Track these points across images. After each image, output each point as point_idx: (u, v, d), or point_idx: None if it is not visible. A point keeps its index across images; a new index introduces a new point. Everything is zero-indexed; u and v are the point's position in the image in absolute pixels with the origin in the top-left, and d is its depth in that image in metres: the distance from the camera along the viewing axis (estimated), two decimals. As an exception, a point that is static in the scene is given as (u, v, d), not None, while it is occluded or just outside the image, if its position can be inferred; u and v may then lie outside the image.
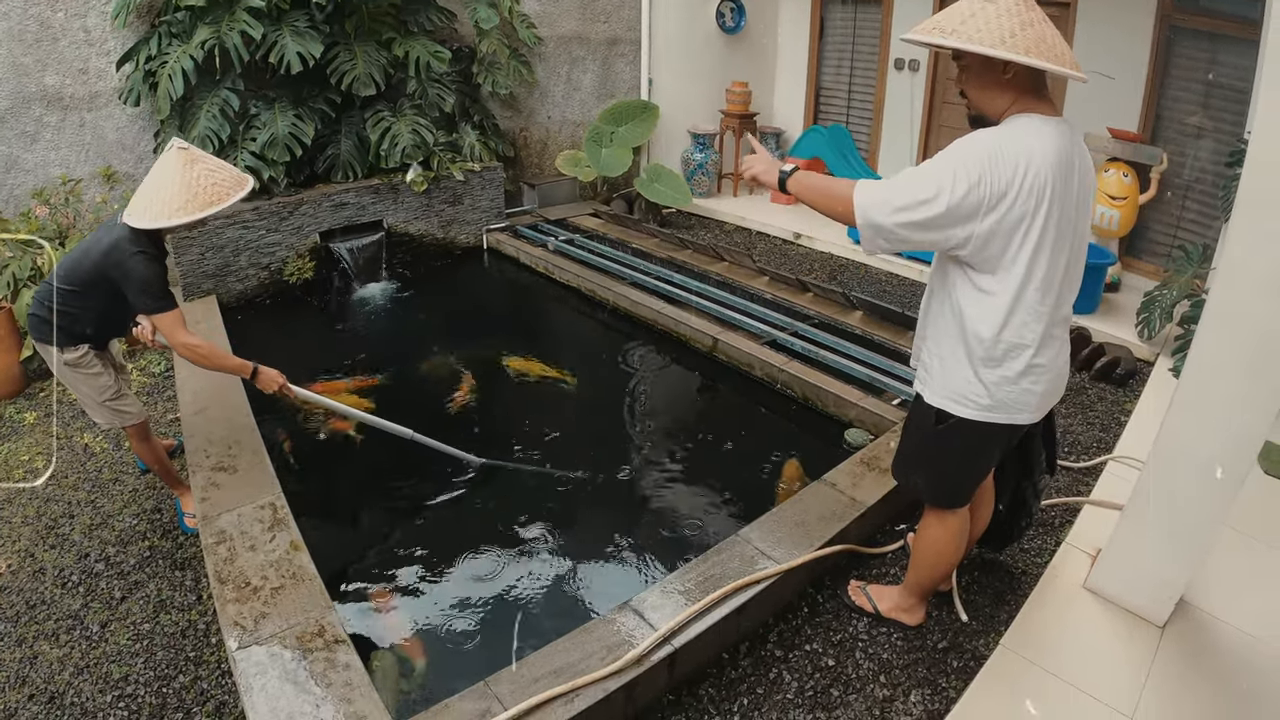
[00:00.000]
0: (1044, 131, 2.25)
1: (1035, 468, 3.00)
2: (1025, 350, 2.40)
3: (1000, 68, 2.26)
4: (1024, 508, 3.15)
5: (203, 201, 3.16)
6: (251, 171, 5.90)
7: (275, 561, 3.07)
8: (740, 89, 8.75)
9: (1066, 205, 2.29)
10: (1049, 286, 2.35)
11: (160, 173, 3.18)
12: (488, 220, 7.42)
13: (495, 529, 3.73)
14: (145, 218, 3.13)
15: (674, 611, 2.85)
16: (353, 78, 6.12)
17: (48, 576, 3.47)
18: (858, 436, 4.29)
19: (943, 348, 2.54)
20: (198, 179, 3.17)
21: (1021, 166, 2.20)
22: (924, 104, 8.04)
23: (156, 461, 3.77)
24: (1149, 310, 5.23)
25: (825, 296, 5.84)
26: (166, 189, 3.13)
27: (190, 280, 5.82)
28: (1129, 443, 4.32)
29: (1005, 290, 2.34)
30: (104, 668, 3.01)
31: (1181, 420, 2.85)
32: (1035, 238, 2.26)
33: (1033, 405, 2.51)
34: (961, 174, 2.20)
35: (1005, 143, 2.23)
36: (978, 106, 2.40)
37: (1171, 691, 2.83)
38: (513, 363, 5.31)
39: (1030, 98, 2.31)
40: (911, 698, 2.83)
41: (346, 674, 2.57)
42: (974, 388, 2.48)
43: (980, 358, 2.43)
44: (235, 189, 3.27)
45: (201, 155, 3.27)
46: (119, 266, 3.18)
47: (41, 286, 3.41)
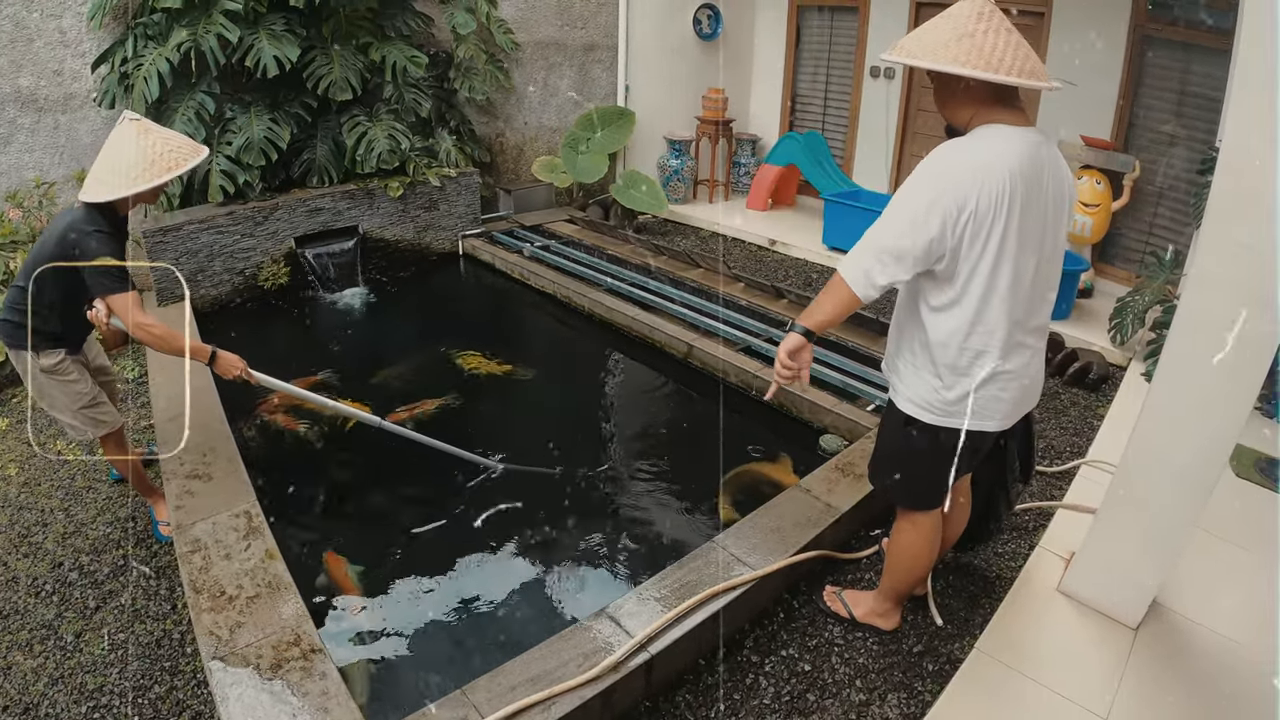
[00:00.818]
0: (1008, 140, 2.27)
1: (1009, 474, 3.01)
2: (989, 358, 2.42)
3: (956, 80, 2.31)
4: (993, 511, 3.17)
5: (160, 168, 3.09)
6: (226, 176, 5.88)
7: (251, 570, 3.04)
8: (716, 95, 8.78)
9: (1033, 214, 2.30)
10: (1014, 295, 2.36)
11: (113, 145, 3.11)
12: (464, 226, 7.41)
13: (469, 533, 3.72)
14: (102, 191, 3.06)
15: (650, 618, 2.85)
16: (329, 82, 6.10)
17: (21, 585, 3.43)
18: (832, 443, 4.31)
19: (911, 355, 2.58)
20: (153, 146, 3.10)
21: (979, 178, 2.22)
22: (900, 111, 8.10)
23: (130, 469, 3.69)
24: (1121, 316, 5.29)
25: (800, 303, 5.87)
26: (122, 160, 3.07)
27: (164, 285, 5.76)
28: (1102, 447, 4.36)
29: (968, 299, 2.36)
30: (79, 678, 2.97)
31: (1154, 424, 2.89)
32: (995, 247, 2.28)
33: (1001, 413, 2.53)
34: (925, 202, 2.27)
35: (963, 155, 2.28)
36: (946, 117, 2.47)
37: (1146, 693, 2.86)
38: (465, 360, 5.35)
39: (992, 107, 2.33)
40: (888, 702, 2.85)
41: (323, 683, 2.56)
42: (939, 395, 2.51)
43: (945, 365, 2.46)
44: (192, 155, 3.21)
45: (154, 126, 3.20)
46: (76, 245, 3.08)
47: (10, 291, 3.33)
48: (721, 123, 8.89)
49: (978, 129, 2.34)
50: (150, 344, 3.26)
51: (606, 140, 8.36)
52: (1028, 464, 3.00)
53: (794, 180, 8.93)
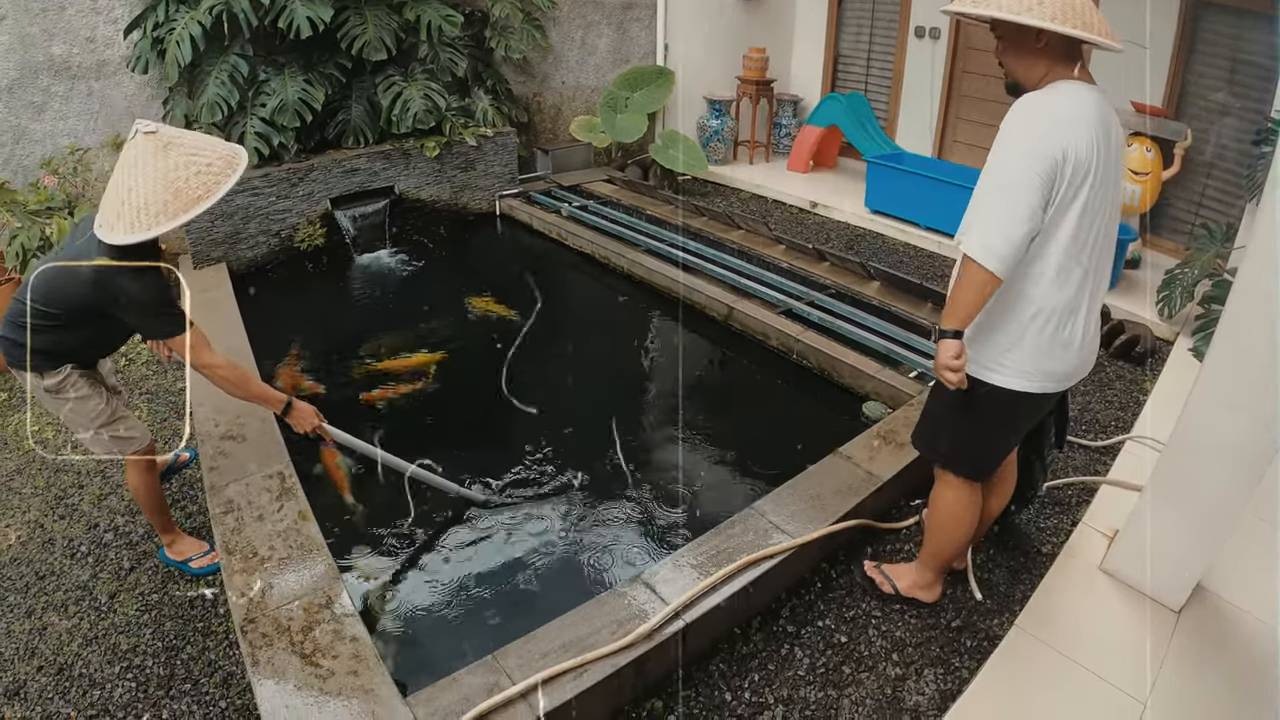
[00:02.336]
0: (1084, 99, 2.26)
1: (1045, 442, 3.00)
2: (1062, 315, 2.41)
3: (1033, 36, 2.28)
4: (1030, 480, 3.14)
5: (188, 198, 2.54)
6: (261, 138, 5.85)
7: (283, 532, 3.05)
8: (757, 55, 8.62)
9: (1110, 171, 2.31)
10: (1093, 252, 2.37)
11: (129, 168, 2.54)
12: (501, 186, 7.36)
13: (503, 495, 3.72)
14: (119, 230, 2.51)
15: (686, 585, 2.82)
16: (363, 42, 6.03)
17: (57, 547, 3.46)
18: (875, 409, 4.24)
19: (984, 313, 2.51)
20: (176, 169, 2.53)
21: (1073, 128, 2.22)
22: (945, 73, 7.90)
23: (150, 499, 3.24)
24: (1170, 289, 5.15)
25: (842, 266, 5.78)
26: (140, 188, 2.51)
27: (200, 248, 5.78)
28: (1147, 422, 4.26)
29: (1050, 252, 2.34)
30: (112, 639, 3.00)
31: (1205, 403, 2.79)
32: (1084, 199, 2.28)
33: (1065, 375, 2.51)
34: (1026, 151, 2.23)
35: (1054, 107, 2.25)
36: (1013, 75, 2.42)
37: (1186, 678, 2.79)
38: (475, 302, 5.43)
39: (1065, 65, 2.31)
40: (924, 677, 2.81)
41: (354, 645, 2.56)
42: (1009, 355, 2.48)
43: (1020, 324, 2.44)
44: (226, 174, 2.63)
45: (176, 135, 2.61)
46: (111, 299, 2.66)
47: (12, 304, 2.86)
48: (762, 83, 8.74)
49: (1055, 86, 2.30)
50: (220, 387, 2.91)
51: (645, 100, 8.24)
52: (1062, 431, 2.98)
53: (835, 142, 8.78)
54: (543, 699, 2.41)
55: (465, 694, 2.41)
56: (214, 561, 3.27)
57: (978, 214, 2.32)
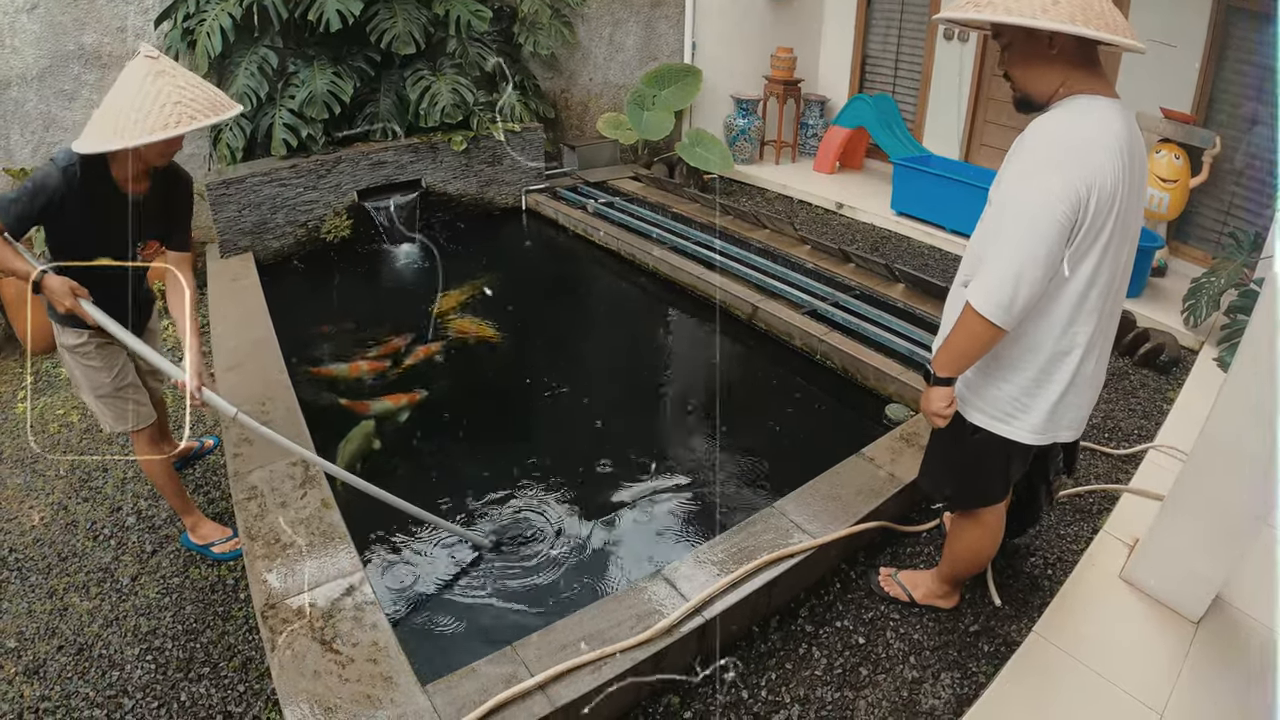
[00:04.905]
0: (1107, 118, 2.05)
1: (1051, 468, 2.83)
2: (1073, 359, 2.26)
3: (1045, 41, 2.06)
4: (1034, 505, 3.03)
5: (159, 121, 2.48)
6: (289, 129, 5.90)
7: (306, 519, 3.08)
8: (785, 55, 8.60)
9: (1131, 203, 2.11)
10: (1109, 287, 2.20)
11: (119, 84, 2.56)
12: (527, 181, 7.38)
13: (525, 490, 3.73)
14: (90, 136, 2.53)
15: (706, 582, 2.83)
16: (392, 36, 6.07)
17: (80, 529, 3.51)
18: (899, 411, 4.22)
19: (991, 358, 2.36)
20: (157, 95, 2.50)
21: (1098, 157, 2.01)
22: (973, 75, 7.86)
23: (163, 478, 3.32)
24: (1195, 297, 5.11)
25: (867, 268, 5.75)
26: (118, 102, 2.52)
27: (227, 237, 5.84)
28: (1170, 432, 4.23)
29: (1064, 299, 2.18)
30: (133, 621, 3.04)
31: (1229, 414, 2.76)
32: (1106, 235, 2.09)
33: (1078, 420, 2.42)
34: (1043, 189, 2.02)
35: (1077, 132, 2.04)
36: (1023, 87, 2.19)
37: (1204, 690, 2.77)
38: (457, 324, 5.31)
39: (1082, 75, 2.09)
40: (941, 680, 2.80)
41: (374, 634, 2.58)
42: (1022, 411, 2.36)
43: (1030, 376, 2.31)
44: (207, 112, 2.58)
45: (174, 68, 2.61)
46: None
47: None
48: (790, 83, 8.72)
49: (1074, 101, 2.08)
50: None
51: (672, 98, 8.25)
52: (1071, 457, 2.84)
53: (862, 143, 8.77)
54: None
55: (483, 684, 2.42)
56: (236, 547, 3.31)
57: (985, 258, 2.14)
